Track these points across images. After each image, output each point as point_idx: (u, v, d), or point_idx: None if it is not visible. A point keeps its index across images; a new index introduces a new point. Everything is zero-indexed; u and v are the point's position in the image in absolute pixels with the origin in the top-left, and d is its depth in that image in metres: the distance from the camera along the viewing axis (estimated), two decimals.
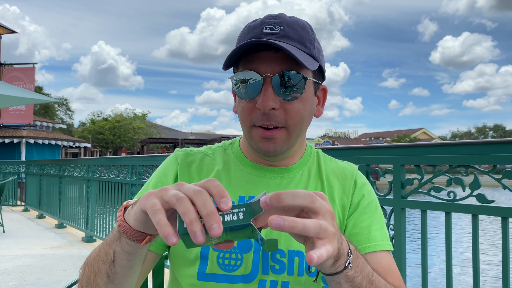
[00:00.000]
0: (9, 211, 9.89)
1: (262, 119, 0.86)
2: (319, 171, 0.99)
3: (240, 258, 0.88)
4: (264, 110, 0.84)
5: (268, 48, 0.84)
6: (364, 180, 1.01)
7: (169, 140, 38.73)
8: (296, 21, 0.88)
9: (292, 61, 0.84)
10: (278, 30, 0.85)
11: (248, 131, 0.90)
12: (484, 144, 1.79)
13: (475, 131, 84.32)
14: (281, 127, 0.87)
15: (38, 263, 4.87)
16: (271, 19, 0.87)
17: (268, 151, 0.88)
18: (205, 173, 0.96)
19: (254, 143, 0.90)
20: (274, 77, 0.83)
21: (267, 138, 0.87)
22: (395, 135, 75.71)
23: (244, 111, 0.89)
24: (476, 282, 1.75)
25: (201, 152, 1.01)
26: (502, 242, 1.71)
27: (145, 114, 50.63)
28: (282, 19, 0.87)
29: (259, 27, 0.87)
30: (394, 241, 2.06)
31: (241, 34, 0.91)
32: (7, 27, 18.96)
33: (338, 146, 2.78)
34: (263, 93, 0.84)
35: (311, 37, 0.89)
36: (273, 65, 0.84)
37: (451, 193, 1.84)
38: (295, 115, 0.87)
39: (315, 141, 58.68)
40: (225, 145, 1.04)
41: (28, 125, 18.21)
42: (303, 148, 1.01)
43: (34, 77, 16.90)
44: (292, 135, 0.89)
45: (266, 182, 0.95)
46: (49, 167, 8.80)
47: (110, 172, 5.93)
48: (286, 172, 0.96)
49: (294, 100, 0.86)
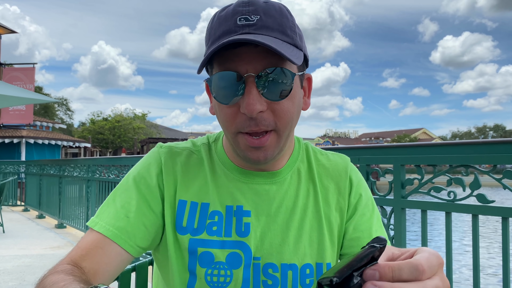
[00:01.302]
0: (9, 211, 9.89)
1: (250, 125, 0.76)
2: (309, 171, 0.92)
3: (229, 275, 0.82)
4: (250, 114, 0.74)
5: (247, 43, 0.73)
6: (359, 176, 0.96)
7: (169, 140, 38.73)
8: (272, 6, 0.77)
9: (275, 56, 0.73)
10: (255, 20, 0.74)
11: (233, 138, 0.80)
12: (484, 144, 1.79)
13: (475, 131, 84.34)
14: (271, 131, 0.78)
15: (38, 263, 4.86)
16: (244, 7, 0.76)
17: (258, 161, 0.79)
18: (192, 175, 0.88)
19: (241, 152, 0.81)
20: (257, 76, 0.74)
21: (257, 148, 0.78)
22: (395, 135, 75.75)
23: (226, 117, 0.78)
24: (476, 282, 1.75)
25: (186, 149, 0.92)
26: (502, 242, 1.70)
27: (145, 114, 50.61)
28: (257, 6, 0.75)
29: (232, 18, 0.75)
30: (394, 241, 2.06)
31: (211, 27, 0.79)
32: (7, 27, 18.95)
33: (338, 146, 2.78)
34: (247, 95, 0.74)
35: (291, 22, 0.78)
36: (254, 63, 0.74)
37: (451, 193, 1.84)
38: (285, 115, 0.77)
39: (315, 141, 58.71)
40: (209, 142, 0.94)
41: (28, 125, 18.22)
42: (292, 145, 0.92)
43: (34, 77, 16.90)
44: (282, 138, 0.80)
45: (254, 188, 0.87)
46: (49, 167, 8.79)
47: (110, 172, 5.93)
48: (275, 176, 0.88)
49: (283, 99, 0.76)
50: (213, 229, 0.85)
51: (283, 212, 0.87)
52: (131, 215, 0.84)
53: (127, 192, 0.86)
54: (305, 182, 0.91)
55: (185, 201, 0.86)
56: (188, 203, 0.86)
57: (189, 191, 0.87)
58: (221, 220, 0.85)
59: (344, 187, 0.92)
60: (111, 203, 0.86)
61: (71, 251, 0.82)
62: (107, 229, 0.82)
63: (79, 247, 0.82)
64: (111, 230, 0.82)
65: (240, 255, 0.83)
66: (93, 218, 0.85)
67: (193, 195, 0.87)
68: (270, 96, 0.75)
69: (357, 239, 0.89)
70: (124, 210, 0.84)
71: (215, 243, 0.84)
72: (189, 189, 0.87)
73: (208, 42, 0.79)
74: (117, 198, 0.87)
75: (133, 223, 0.83)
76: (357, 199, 0.92)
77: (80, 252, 0.80)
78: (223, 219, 0.86)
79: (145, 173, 0.88)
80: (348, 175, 0.93)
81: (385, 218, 2.12)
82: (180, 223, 0.85)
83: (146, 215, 0.85)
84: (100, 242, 0.81)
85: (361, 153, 2.26)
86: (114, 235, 0.81)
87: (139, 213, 0.84)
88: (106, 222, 0.83)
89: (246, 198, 0.87)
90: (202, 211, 0.86)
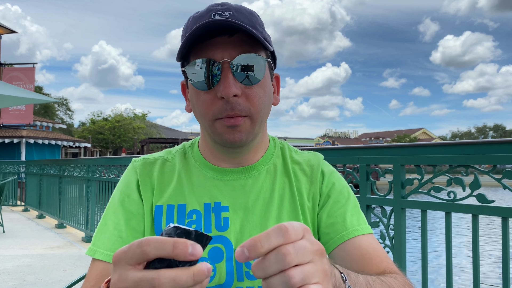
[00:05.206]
0: (9, 211, 9.89)
1: (226, 109, 0.81)
2: (284, 166, 0.95)
3: (213, 269, 0.84)
4: (227, 97, 0.79)
5: (221, 34, 0.80)
6: (331, 168, 0.97)
7: (169, 140, 38.70)
8: (243, 8, 0.85)
9: (247, 45, 0.81)
10: (228, 15, 0.81)
11: (210, 125, 0.85)
12: (484, 144, 1.79)
13: (475, 131, 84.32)
14: (245, 116, 0.82)
15: (38, 263, 4.86)
16: (217, 6, 0.83)
17: (234, 141, 0.83)
18: (167, 181, 0.92)
19: (218, 136, 0.85)
20: (232, 61, 0.79)
21: (233, 127, 0.82)
22: (395, 135, 75.71)
23: (204, 104, 0.83)
24: (476, 282, 1.75)
25: (160, 158, 0.96)
26: (502, 242, 1.70)
27: (145, 114, 50.61)
28: (229, 5, 0.83)
29: (206, 14, 0.82)
30: (394, 241, 2.06)
31: (186, 26, 0.85)
32: (7, 27, 18.96)
33: (338, 146, 2.78)
34: (223, 79, 0.79)
35: (260, 21, 0.86)
36: (229, 50, 0.80)
37: (451, 193, 1.84)
38: (257, 101, 0.83)
39: (315, 141, 58.72)
40: (185, 147, 0.99)
41: (28, 125, 18.22)
42: (266, 141, 0.96)
43: (34, 77, 16.90)
44: (256, 124, 0.85)
45: (230, 184, 0.90)
46: (49, 167, 8.79)
47: (110, 172, 5.93)
48: (250, 171, 0.92)
49: (255, 84, 0.82)
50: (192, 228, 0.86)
51: (260, 204, 0.90)
52: (123, 234, 0.87)
53: (115, 214, 0.90)
54: (280, 176, 0.93)
55: (161, 206, 0.89)
56: (164, 207, 0.89)
57: (164, 196, 0.90)
58: (200, 218, 0.88)
59: (316, 177, 0.93)
60: (104, 228, 0.89)
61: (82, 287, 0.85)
62: (107, 254, 0.85)
63: (88, 281, 0.85)
64: (111, 255, 0.84)
65: (222, 249, 0.86)
66: (90, 247, 0.88)
67: (168, 199, 0.90)
68: (244, 81, 0.81)
69: (332, 225, 0.88)
70: (116, 231, 0.88)
71: None
72: (164, 194, 0.91)
73: (183, 38, 0.83)
74: (108, 221, 0.90)
75: (128, 241, 0.85)
76: (330, 188, 0.93)
77: (90, 285, 0.83)
78: (201, 217, 0.88)
79: (126, 190, 0.92)
80: (320, 168, 0.95)
81: (385, 218, 2.12)
82: (159, 228, 0.88)
83: (137, 229, 0.89)
84: (105, 270, 0.84)
85: (361, 153, 2.26)
86: None
87: (130, 231, 0.88)
88: (104, 248, 0.86)
89: (223, 194, 0.90)
90: (180, 212, 0.89)
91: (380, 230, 2.12)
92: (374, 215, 2.22)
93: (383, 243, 2.11)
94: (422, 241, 2.00)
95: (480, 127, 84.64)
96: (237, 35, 0.80)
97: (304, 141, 57.29)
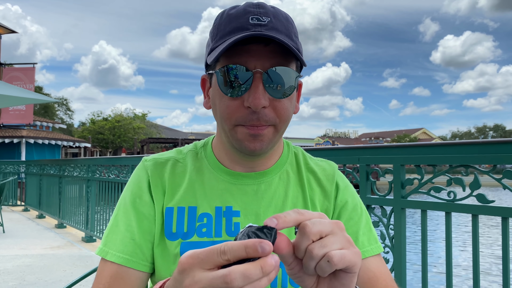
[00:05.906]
0: (9, 211, 9.89)
1: (252, 119, 0.79)
2: (298, 173, 0.93)
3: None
4: (255, 108, 0.77)
5: (257, 41, 0.77)
6: (346, 181, 0.96)
7: (169, 140, 38.68)
8: (280, 12, 0.82)
9: (282, 56, 0.78)
10: (266, 21, 0.78)
11: (230, 129, 0.82)
12: (484, 144, 1.79)
13: (475, 131, 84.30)
14: (269, 125, 0.81)
15: (38, 263, 4.86)
16: (254, 8, 0.80)
17: (254, 150, 0.82)
18: (178, 183, 0.90)
19: (237, 142, 0.83)
20: (264, 72, 0.77)
21: (255, 136, 0.80)
22: (395, 135, 75.70)
23: (228, 109, 0.80)
24: (476, 282, 1.75)
25: (171, 158, 0.93)
26: (502, 242, 1.70)
27: (145, 114, 50.59)
28: (267, 9, 0.80)
29: (244, 16, 0.79)
30: (394, 241, 2.06)
31: (220, 23, 0.82)
32: (7, 27, 18.95)
33: (338, 146, 2.78)
34: (253, 90, 0.77)
35: (295, 29, 0.84)
36: (264, 60, 0.77)
37: (451, 193, 1.84)
38: (284, 113, 0.81)
39: (315, 141, 58.70)
40: (197, 148, 0.96)
41: (28, 125, 18.21)
42: (281, 147, 0.95)
43: (34, 77, 16.89)
44: (278, 133, 0.83)
45: (243, 189, 0.89)
46: (49, 167, 8.79)
47: (110, 172, 5.93)
48: (263, 177, 0.90)
49: (285, 98, 0.80)
50: (203, 231, 0.86)
51: (272, 211, 0.89)
52: (136, 236, 0.86)
53: (126, 214, 0.89)
54: (294, 184, 0.92)
55: (172, 208, 0.88)
56: (175, 209, 0.88)
57: (175, 198, 0.89)
58: (211, 222, 0.87)
59: (330, 191, 0.92)
60: (115, 229, 0.88)
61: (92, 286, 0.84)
62: (119, 257, 0.84)
63: (99, 282, 0.84)
64: (124, 257, 0.84)
65: None
66: (101, 247, 0.86)
67: (179, 201, 0.88)
68: (274, 93, 0.79)
69: None
70: (128, 233, 0.86)
71: (205, 244, 0.84)
72: (175, 196, 0.89)
73: (216, 37, 0.82)
74: (120, 222, 0.88)
75: (141, 243, 0.86)
76: (344, 203, 0.92)
77: (101, 286, 0.82)
78: (212, 220, 0.87)
79: (138, 191, 0.90)
80: (335, 180, 0.94)
81: (385, 218, 2.12)
82: (169, 230, 0.87)
83: (149, 231, 0.87)
84: (118, 273, 0.83)
85: (361, 153, 2.25)
86: (128, 261, 0.84)
87: (142, 232, 0.87)
88: (116, 250, 0.85)
89: (235, 199, 0.88)
90: (190, 214, 0.87)
91: (380, 230, 2.12)
92: (374, 215, 2.21)
93: (383, 243, 2.11)
94: (422, 242, 2.00)
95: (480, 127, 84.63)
96: (273, 45, 0.78)
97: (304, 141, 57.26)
